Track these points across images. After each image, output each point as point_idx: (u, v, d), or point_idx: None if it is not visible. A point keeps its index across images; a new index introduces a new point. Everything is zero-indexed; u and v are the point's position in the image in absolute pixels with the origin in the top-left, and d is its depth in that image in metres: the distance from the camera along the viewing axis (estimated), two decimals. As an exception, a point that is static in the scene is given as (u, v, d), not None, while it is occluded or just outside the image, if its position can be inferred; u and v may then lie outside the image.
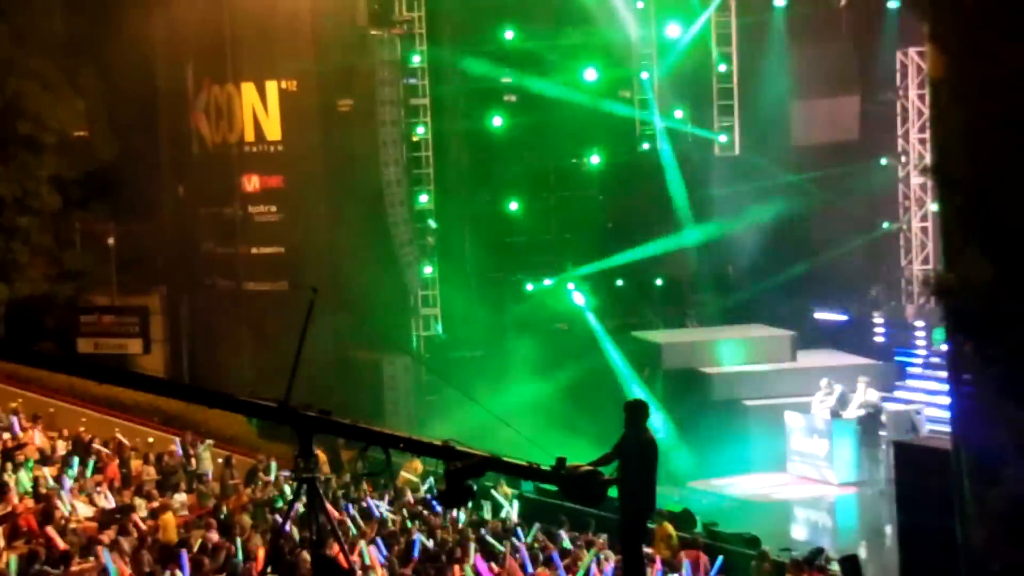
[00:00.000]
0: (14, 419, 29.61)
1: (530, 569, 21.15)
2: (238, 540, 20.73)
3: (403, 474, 27.71)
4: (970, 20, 16.78)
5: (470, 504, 25.43)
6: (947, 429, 22.76)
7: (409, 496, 26.72)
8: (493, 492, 26.74)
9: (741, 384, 32.73)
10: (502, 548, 22.16)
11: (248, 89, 37.07)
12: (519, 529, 24.23)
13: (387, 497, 26.10)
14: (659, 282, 37.76)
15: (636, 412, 14.67)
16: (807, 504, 29.57)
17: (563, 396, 33.64)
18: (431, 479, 26.76)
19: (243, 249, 37.73)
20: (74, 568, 18.83)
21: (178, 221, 39.30)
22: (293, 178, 37.14)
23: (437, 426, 29.47)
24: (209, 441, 30.11)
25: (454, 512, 24.83)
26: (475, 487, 11.97)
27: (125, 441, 29.42)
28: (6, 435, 28.63)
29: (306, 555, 17.65)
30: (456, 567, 20.61)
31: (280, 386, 12.25)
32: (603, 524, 24.13)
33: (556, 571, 21.29)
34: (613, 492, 14.39)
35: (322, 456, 25.91)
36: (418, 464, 28.27)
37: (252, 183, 37.54)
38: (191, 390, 14.37)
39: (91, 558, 19.69)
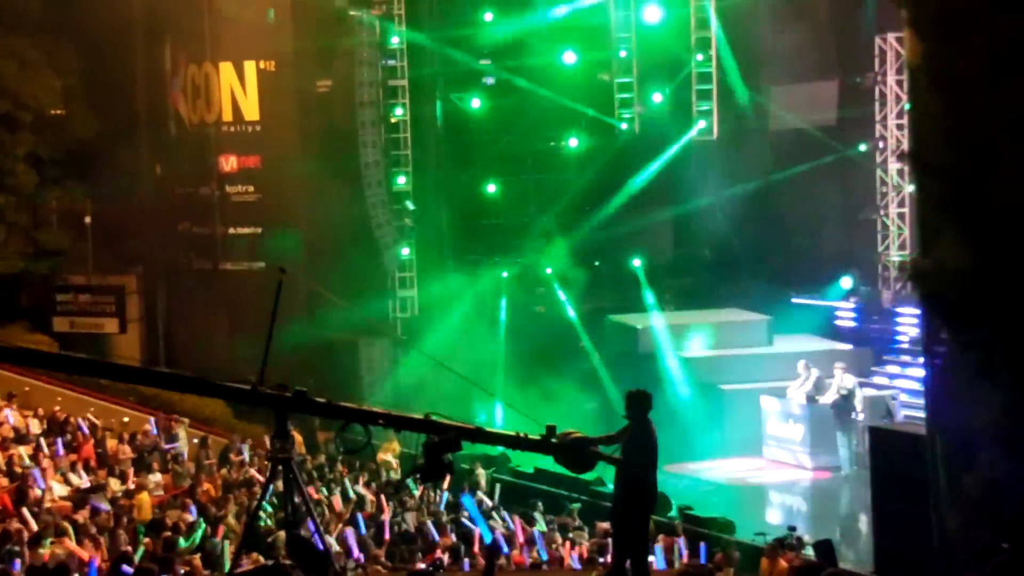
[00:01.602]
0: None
1: (506, 550, 21.20)
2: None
3: (380, 455, 27.73)
4: (948, 6, 16.79)
5: (446, 486, 25.55)
6: (922, 415, 22.87)
7: (385, 477, 26.77)
8: (475, 476, 26.83)
9: (717, 368, 32.78)
10: (475, 529, 22.23)
11: (226, 69, 36.97)
12: (495, 513, 24.30)
13: (362, 479, 26.14)
14: (636, 264, 37.74)
15: (638, 402, 14.57)
16: (782, 488, 29.65)
17: (540, 379, 33.64)
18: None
19: (220, 229, 37.67)
20: (47, 548, 18.81)
21: (155, 200, 39.17)
22: (271, 158, 37.06)
23: (415, 408, 29.44)
24: (185, 420, 30.09)
25: (432, 495, 24.89)
26: (452, 463, 11.96)
27: (97, 422, 29.39)
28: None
29: (282, 535, 17.65)
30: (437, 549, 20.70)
31: (256, 366, 12.24)
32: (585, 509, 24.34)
33: (533, 552, 21.35)
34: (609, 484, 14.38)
35: (298, 437, 25.91)
36: (396, 445, 28.29)
37: (230, 163, 37.45)
38: (165, 376, 14.28)
39: (64, 538, 19.67)
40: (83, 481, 24.77)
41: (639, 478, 14.46)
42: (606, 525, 21.87)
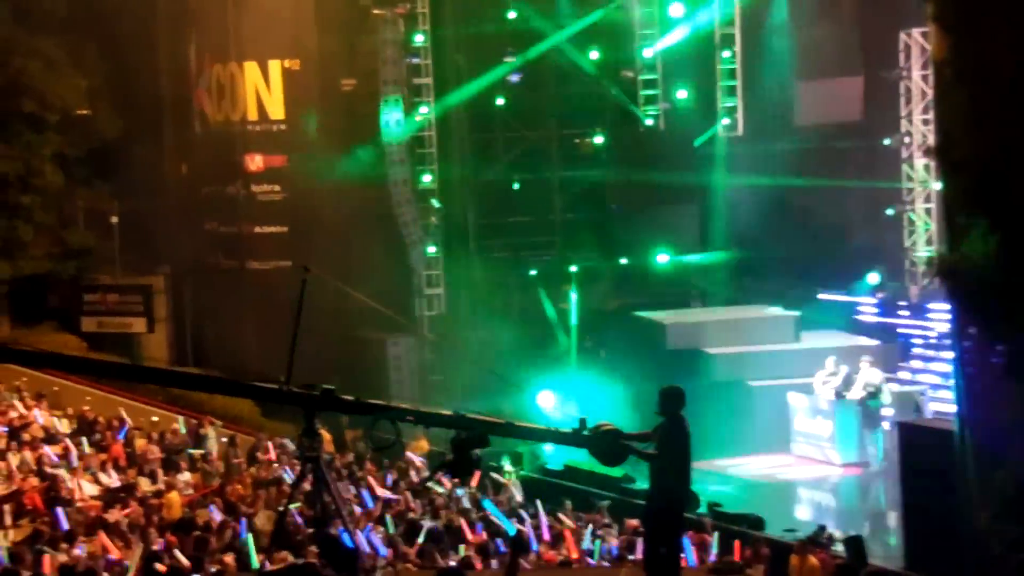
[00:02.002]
0: (17, 398, 29.69)
1: (535, 548, 21.20)
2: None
3: (407, 453, 27.75)
4: (973, 1, 16.79)
5: (474, 484, 25.56)
6: (951, 410, 22.82)
7: (413, 475, 26.77)
8: (494, 475, 26.83)
9: (745, 365, 32.71)
10: (507, 527, 22.23)
11: (251, 68, 37.07)
12: (521, 511, 24.30)
13: (391, 477, 26.15)
14: (663, 261, 37.74)
15: (672, 398, 14.43)
16: (811, 484, 29.58)
17: (568, 375, 33.68)
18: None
19: (246, 228, 37.77)
20: (78, 547, 18.87)
21: (181, 200, 39.29)
22: (296, 157, 37.13)
23: (442, 406, 29.48)
24: (217, 422, 30.13)
25: (459, 492, 24.89)
26: (480, 458, 11.97)
27: (129, 420, 29.45)
28: (12, 413, 28.67)
29: (310, 533, 17.71)
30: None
31: (285, 364, 12.28)
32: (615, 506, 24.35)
33: (561, 550, 21.34)
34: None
35: (326, 435, 25.97)
36: (424, 443, 28.33)
37: (255, 162, 37.55)
38: (194, 378, 14.37)
39: (95, 537, 19.74)
40: (113, 480, 24.84)
41: (673, 475, 14.40)
42: (635, 522, 21.87)
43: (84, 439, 27.12)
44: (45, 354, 14.03)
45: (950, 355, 24.00)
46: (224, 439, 29.37)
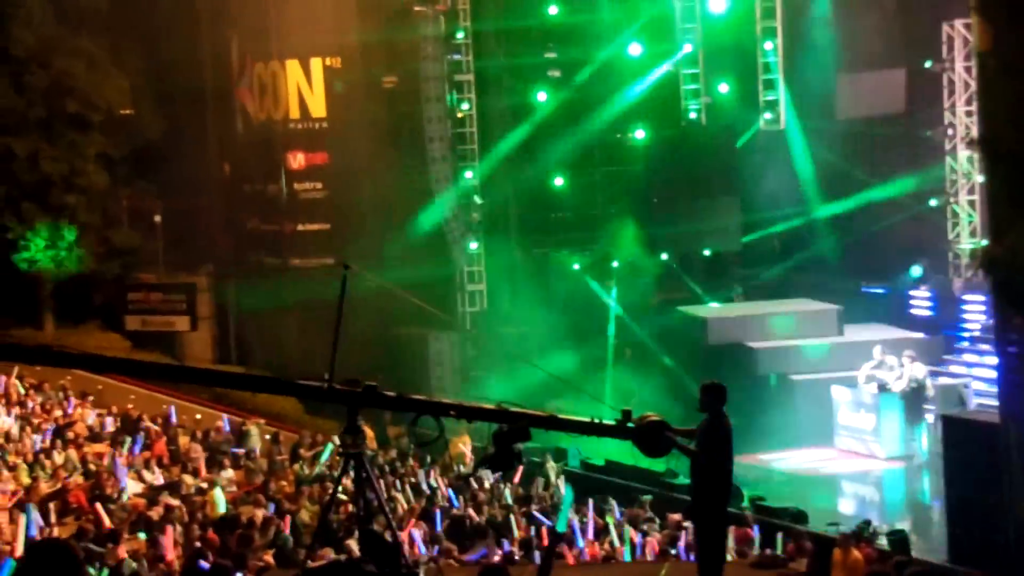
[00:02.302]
0: (63, 396, 29.88)
1: (580, 543, 21.21)
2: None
3: (452, 449, 27.81)
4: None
5: (516, 480, 25.59)
6: (995, 403, 22.71)
7: (457, 470, 26.82)
8: (548, 468, 26.89)
9: (788, 359, 32.63)
10: (549, 523, 22.25)
11: (293, 66, 37.19)
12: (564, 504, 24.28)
13: (433, 473, 26.18)
14: (705, 255, 37.69)
15: (713, 394, 14.38)
16: (854, 478, 29.47)
17: (609, 371, 33.66)
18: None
19: (289, 226, 37.90)
20: (123, 545, 18.94)
21: (224, 198, 39.49)
22: (338, 155, 37.24)
23: (484, 401, 29.48)
24: (261, 421, 30.24)
25: (503, 487, 24.91)
26: (522, 453, 11.93)
27: (172, 417, 29.62)
28: (57, 412, 28.86)
29: (354, 530, 17.73)
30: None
31: (327, 361, 12.29)
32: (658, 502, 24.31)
33: (605, 545, 21.34)
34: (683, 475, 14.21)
35: (369, 432, 25.99)
36: (467, 438, 28.36)
37: (297, 160, 37.67)
38: (239, 378, 14.39)
39: (139, 534, 19.84)
40: (156, 478, 24.97)
41: (715, 471, 14.36)
42: (677, 517, 21.85)
43: (128, 437, 27.28)
44: (88, 356, 14.05)
45: (993, 347, 23.91)
46: (267, 436, 29.50)
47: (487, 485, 25.27)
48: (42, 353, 14.06)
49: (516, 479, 25.86)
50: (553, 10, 36.63)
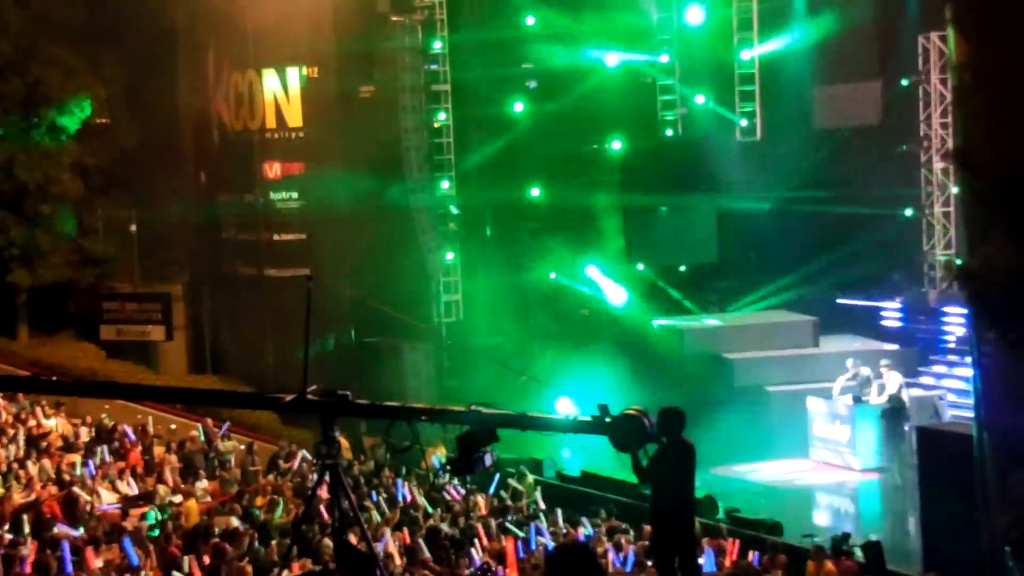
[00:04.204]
0: (37, 406, 29.76)
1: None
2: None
3: (427, 460, 27.75)
4: (992, 4, 16.75)
5: (491, 491, 25.57)
6: (970, 414, 22.76)
7: (432, 481, 26.78)
8: (511, 481, 26.85)
9: (763, 370, 32.68)
10: (522, 534, 22.23)
11: (269, 76, 37.10)
12: (541, 515, 24.29)
13: (410, 483, 26.13)
14: (682, 268, 37.74)
15: (673, 420, 14.18)
16: (829, 490, 29.52)
17: (586, 382, 33.63)
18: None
19: (264, 236, 37.77)
20: (97, 555, 18.88)
21: (200, 208, 39.34)
22: (314, 165, 37.15)
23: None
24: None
25: (480, 499, 24.88)
26: (490, 457, 11.85)
27: (149, 428, 29.53)
28: (31, 422, 28.75)
29: (328, 541, 17.68)
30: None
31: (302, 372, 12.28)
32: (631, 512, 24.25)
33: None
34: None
35: (344, 442, 25.95)
36: (442, 448, 28.32)
37: (274, 170, 37.57)
38: (213, 394, 14.38)
39: (114, 545, 19.75)
40: (131, 489, 24.89)
41: (669, 498, 14.22)
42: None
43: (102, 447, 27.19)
44: (70, 384, 14.05)
45: (969, 359, 23.97)
46: (242, 447, 29.44)
47: (461, 495, 25.26)
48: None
49: (491, 490, 25.87)
50: (530, 21, 36.65)
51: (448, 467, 12.33)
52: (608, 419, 11.48)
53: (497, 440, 11.59)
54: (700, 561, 20.22)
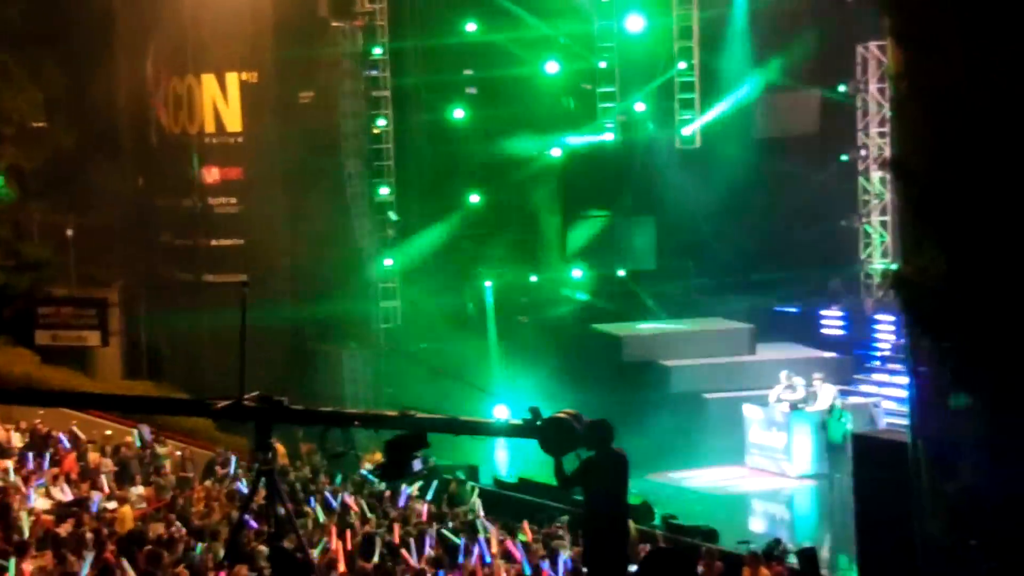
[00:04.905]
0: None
1: (488, 561, 21.14)
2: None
3: (364, 465, 27.68)
4: (930, 15, 16.85)
5: (430, 496, 25.53)
6: (905, 422, 22.88)
7: (370, 487, 26.70)
8: (451, 488, 26.82)
9: (700, 377, 32.80)
10: (459, 541, 22.19)
11: (208, 80, 36.92)
12: (478, 522, 24.25)
13: (346, 491, 26.05)
14: (620, 273, 37.82)
15: (601, 431, 13.94)
16: (765, 496, 29.62)
17: (523, 388, 33.66)
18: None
19: (202, 241, 37.57)
20: (30, 561, 18.75)
21: (137, 213, 39.08)
22: (253, 170, 37.00)
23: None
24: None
25: (420, 506, 24.82)
26: (422, 463, 11.82)
27: (81, 435, 29.32)
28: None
29: (263, 548, 17.63)
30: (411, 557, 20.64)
31: (238, 378, 12.25)
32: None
33: (515, 564, 21.29)
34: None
35: (280, 448, 25.88)
36: (379, 455, 28.19)
37: (212, 175, 37.38)
38: (146, 401, 14.31)
39: (47, 552, 19.62)
40: (66, 495, 24.71)
41: (605, 510, 14.09)
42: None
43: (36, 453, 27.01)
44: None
45: (903, 367, 24.12)
46: (178, 452, 29.29)
47: (400, 502, 25.21)
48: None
49: (429, 496, 25.83)
50: (471, 27, 36.70)
51: (377, 472, 12.32)
52: (539, 423, 11.47)
53: (427, 446, 11.58)
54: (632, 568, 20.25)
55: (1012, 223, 14.96)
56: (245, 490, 24.37)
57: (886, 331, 32.89)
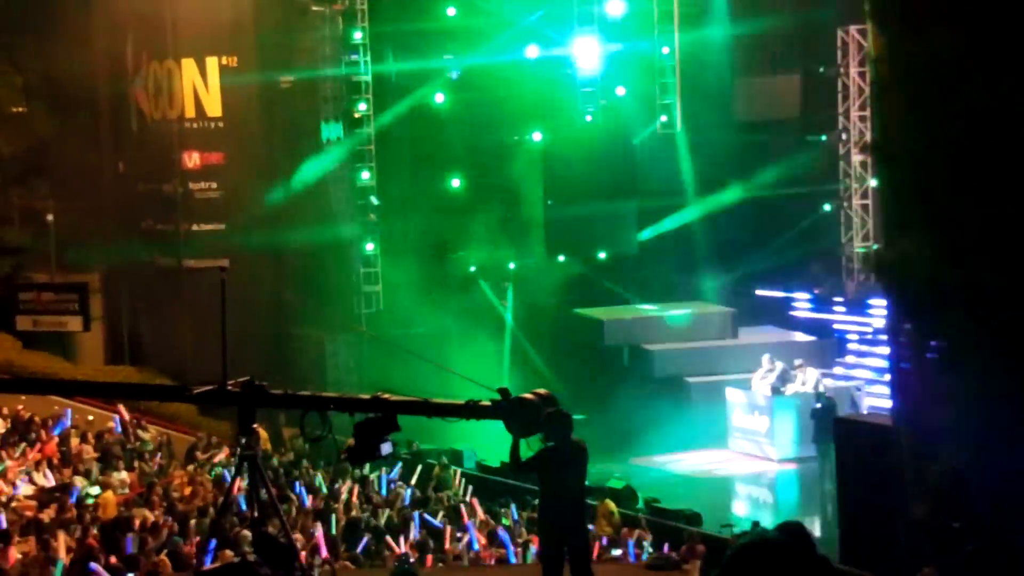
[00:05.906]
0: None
1: (476, 548, 21.19)
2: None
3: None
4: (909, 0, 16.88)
5: (414, 481, 25.56)
6: (887, 405, 22.96)
7: (352, 472, 26.71)
8: (435, 472, 26.84)
9: (682, 361, 32.84)
10: (439, 525, 22.25)
11: (188, 65, 36.80)
12: (462, 506, 24.29)
13: (329, 474, 26.08)
14: (602, 257, 37.82)
15: (560, 421, 13.65)
16: (748, 480, 29.72)
17: (505, 374, 33.69)
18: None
19: (183, 226, 37.47)
20: (13, 547, 18.73)
21: (118, 198, 38.95)
22: (234, 155, 36.92)
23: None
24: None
25: (402, 491, 24.84)
26: (391, 446, 11.80)
27: (66, 419, 29.24)
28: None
29: (247, 532, 17.63)
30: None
31: (220, 363, 12.26)
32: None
33: (500, 548, 21.34)
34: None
35: (263, 433, 25.86)
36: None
37: (192, 159, 37.28)
38: (128, 387, 14.31)
39: (31, 537, 19.60)
40: (48, 480, 24.67)
41: (566, 499, 13.96)
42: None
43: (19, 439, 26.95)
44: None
45: (886, 351, 24.18)
46: (161, 437, 29.25)
47: (384, 486, 25.24)
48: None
49: (412, 481, 25.86)
50: (451, 12, 36.63)
51: (345, 455, 12.25)
52: (505, 403, 11.45)
53: (398, 429, 11.58)
54: (617, 552, 20.35)
55: (996, 206, 15.00)
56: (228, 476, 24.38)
57: (868, 315, 32.93)
